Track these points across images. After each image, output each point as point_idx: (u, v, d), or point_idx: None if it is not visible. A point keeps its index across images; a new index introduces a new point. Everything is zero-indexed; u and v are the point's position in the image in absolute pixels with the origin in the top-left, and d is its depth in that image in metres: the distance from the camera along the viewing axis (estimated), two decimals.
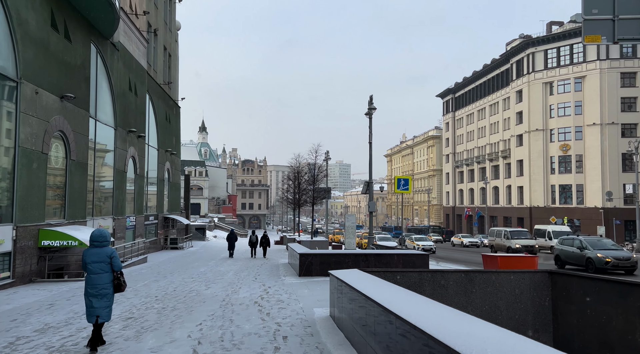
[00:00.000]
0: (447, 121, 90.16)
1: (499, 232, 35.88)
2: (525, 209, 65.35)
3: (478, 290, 7.15)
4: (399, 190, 20.23)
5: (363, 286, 5.61)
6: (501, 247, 33.15)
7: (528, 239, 34.40)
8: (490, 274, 7.14)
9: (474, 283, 7.17)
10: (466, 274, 7.27)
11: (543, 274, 7.02)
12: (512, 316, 7.01)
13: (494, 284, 7.13)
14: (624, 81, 58.74)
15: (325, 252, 14.17)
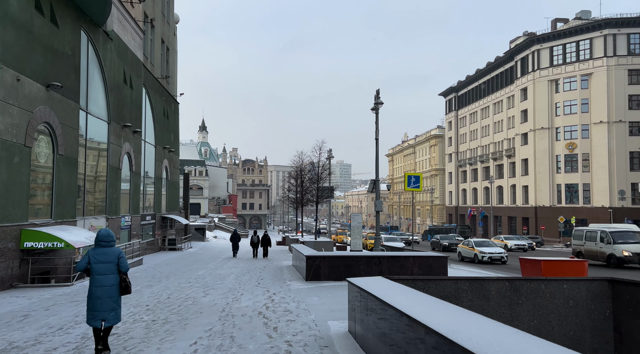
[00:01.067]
0: (450, 119, 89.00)
1: (591, 234, 23.69)
2: (531, 208, 64.18)
3: (525, 302, 6.02)
4: (410, 188, 19.08)
5: (397, 301, 4.47)
6: (595, 254, 22.50)
7: None
8: (539, 282, 6.00)
9: (520, 292, 6.04)
10: (510, 282, 6.13)
11: (602, 283, 5.88)
12: (566, 332, 5.87)
13: (544, 295, 5.99)
14: (631, 78, 57.62)
15: (334, 255, 13.00)
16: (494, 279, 6.20)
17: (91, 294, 5.82)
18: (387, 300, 4.61)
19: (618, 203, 55.63)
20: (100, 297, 5.77)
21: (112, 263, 5.91)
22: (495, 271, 18.26)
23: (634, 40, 57.85)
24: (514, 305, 6.04)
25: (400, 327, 4.07)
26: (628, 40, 57.69)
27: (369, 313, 5.27)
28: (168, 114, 30.50)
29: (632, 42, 57.78)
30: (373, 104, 26.16)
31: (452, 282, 6.20)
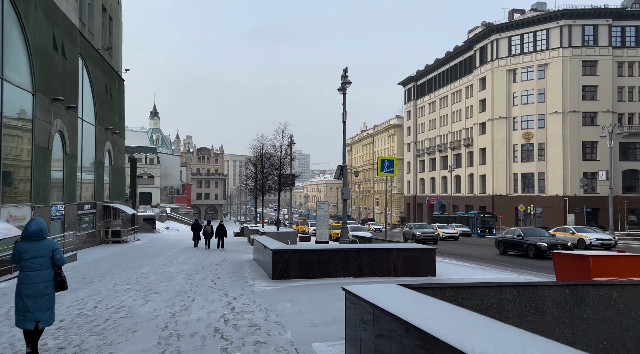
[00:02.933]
0: (409, 109, 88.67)
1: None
2: (488, 197, 64.69)
3: (592, 315, 4.34)
4: (384, 173, 17.36)
5: (447, 330, 2.56)
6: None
7: None
8: (611, 288, 4.32)
9: (584, 303, 4.35)
10: (572, 289, 4.40)
11: None
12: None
13: (616, 306, 4.34)
14: (585, 69, 58.64)
15: (306, 248, 11.01)
16: (549, 285, 4.44)
17: (21, 293, 5.21)
18: (430, 331, 2.70)
19: (571, 192, 56.77)
20: (32, 295, 5.19)
21: (46, 257, 5.36)
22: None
23: (588, 31, 58.79)
24: (577, 320, 4.33)
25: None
26: (582, 32, 58.59)
27: (392, 344, 3.34)
28: (111, 91, 27.31)
29: (586, 33, 58.70)
30: (340, 83, 24.22)
31: (494, 290, 4.39)
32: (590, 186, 57.49)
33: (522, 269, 14.62)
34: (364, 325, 4.02)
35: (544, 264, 16.20)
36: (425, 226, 34.67)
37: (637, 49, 58.44)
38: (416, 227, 33.05)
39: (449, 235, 37.68)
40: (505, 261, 18.31)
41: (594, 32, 58.51)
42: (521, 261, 18.62)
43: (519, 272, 13.44)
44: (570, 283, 4.46)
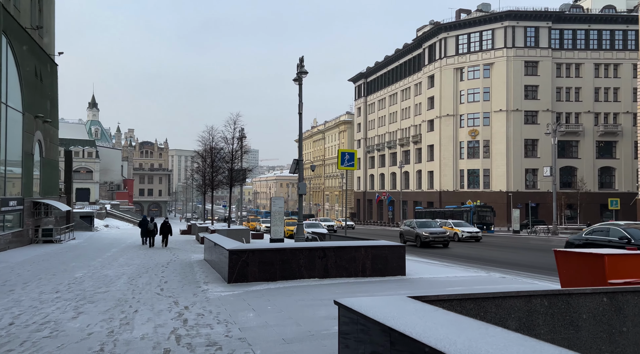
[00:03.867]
0: (359, 105, 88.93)
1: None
2: (436, 193, 65.90)
3: (632, 328, 3.62)
4: (344, 166, 16.53)
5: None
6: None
7: None
8: None
9: (623, 313, 3.63)
10: (610, 297, 3.66)
11: None
12: None
13: None
14: (527, 70, 60.80)
15: (266, 248, 9.90)
16: (585, 293, 3.66)
17: None
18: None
19: (514, 187, 58.82)
20: None
21: None
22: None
23: (529, 33, 60.96)
24: (615, 334, 3.61)
25: None
26: (525, 33, 60.70)
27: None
28: (42, 75, 24.71)
29: (528, 34, 60.85)
30: (296, 73, 23.15)
31: (522, 301, 3.57)
32: (532, 182, 59.86)
33: (466, 263, 14.27)
34: None
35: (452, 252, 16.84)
36: (430, 224, 26.99)
37: (574, 51, 61.28)
38: (420, 226, 25.57)
39: (471, 235, 30.19)
40: (429, 253, 18.01)
41: (535, 33, 60.79)
42: (434, 251, 19.41)
43: (485, 269, 13.00)
44: (608, 290, 3.73)
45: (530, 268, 13.74)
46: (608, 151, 61.73)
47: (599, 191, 59.29)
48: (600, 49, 61.37)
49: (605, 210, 61.06)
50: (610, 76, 61.43)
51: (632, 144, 60.87)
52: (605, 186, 61.54)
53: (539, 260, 16.61)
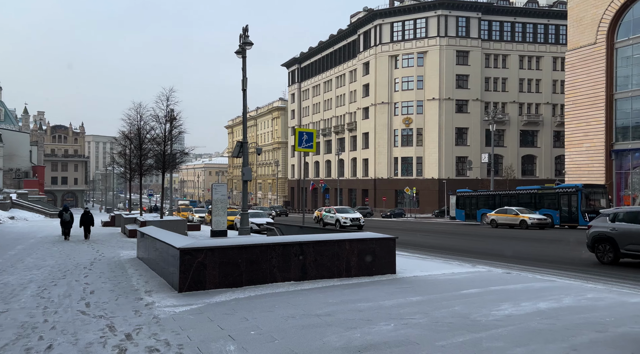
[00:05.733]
0: (293, 92, 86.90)
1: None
2: (370, 181, 65.91)
3: None
4: (302, 148, 14.61)
5: None
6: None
7: None
8: None
9: None
10: None
11: None
12: None
13: None
14: (458, 59, 62.05)
15: (229, 245, 7.79)
16: None
17: None
18: None
19: (445, 175, 60.08)
20: None
21: None
22: None
23: (461, 23, 62.15)
24: None
25: None
26: (457, 23, 61.80)
27: None
28: None
29: (460, 24, 62.02)
30: (238, 46, 20.77)
31: None
32: (462, 170, 61.51)
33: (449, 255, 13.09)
34: None
35: None
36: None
37: (501, 42, 63.41)
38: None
39: (540, 221, 27.86)
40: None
41: (467, 24, 62.09)
42: None
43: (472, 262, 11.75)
44: None
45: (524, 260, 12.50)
46: (530, 140, 64.88)
47: (522, 178, 62.15)
48: (524, 41, 64.02)
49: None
50: (533, 68, 64.37)
51: (552, 133, 64.47)
52: (527, 173, 64.76)
53: (533, 251, 15.05)
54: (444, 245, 17.72)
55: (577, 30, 41.01)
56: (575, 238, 19.35)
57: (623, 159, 38.39)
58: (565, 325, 4.89)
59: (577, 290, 6.88)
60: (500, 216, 30.50)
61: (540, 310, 5.64)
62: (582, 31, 40.38)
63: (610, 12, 38.03)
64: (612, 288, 7.31)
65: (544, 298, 6.30)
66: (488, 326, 4.94)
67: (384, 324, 5.17)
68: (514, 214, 29.40)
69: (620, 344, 4.19)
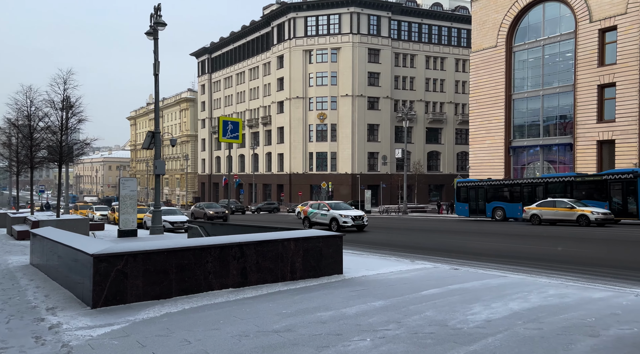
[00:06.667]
0: (203, 83, 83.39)
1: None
2: (285, 176, 65.34)
3: None
4: (227, 138, 13.40)
5: None
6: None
7: None
8: None
9: None
10: None
11: None
12: None
13: None
14: (370, 57, 63.50)
15: (153, 249, 6.57)
16: None
17: None
18: None
19: (358, 170, 61.34)
20: None
21: None
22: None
23: (372, 21, 63.62)
24: None
25: None
26: (369, 21, 63.14)
27: None
28: None
29: (371, 23, 63.45)
30: (149, 26, 18.92)
31: None
32: (373, 165, 63.22)
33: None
34: None
35: None
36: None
37: (409, 42, 65.96)
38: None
39: (605, 217, 22.87)
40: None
41: (378, 22, 63.67)
42: None
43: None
44: None
45: None
46: (435, 137, 68.39)
47: (427, 173, 65.35)
48: (430, 42, 67.16)
49: (433, 190, 68.03)
50: (438, 68, 67.79)
51: (454, 131, 68.53)
52: (432, 169, 68.24)
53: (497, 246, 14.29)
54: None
55: (480, 33, 43.62)
56: None
57: (519, 155, 41.63)
58: (553, 330, 4.53)
59: (535, 286, 6.72)
60: (546, 209, 24.57)
61: (516, 312, 5.29)
62: (485, 34, 43.03)
63: (509, 18, 40.91)
64: (565, 282, 7.28)
65: (510, 297, 6.01)
66: (475, 336, 4.43)
67: (359, 340, 4.45)
68: (568, 208, 23.54)
69: (627, 352, 3.86)
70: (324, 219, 22.12)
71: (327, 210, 22.09)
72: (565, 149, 37.95)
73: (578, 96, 36.37)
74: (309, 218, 23.17)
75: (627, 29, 33.39)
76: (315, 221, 22.66)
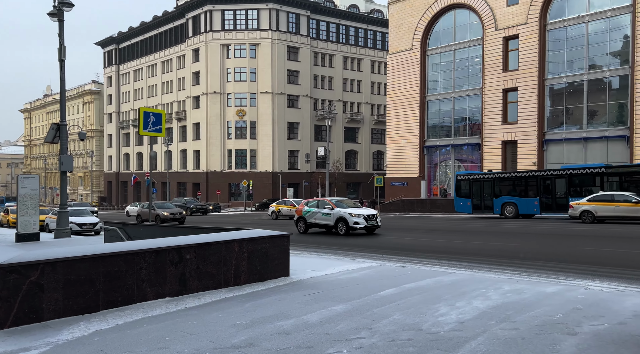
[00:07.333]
0: (110, 74, 77.77)
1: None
2: (202, 174, 63.04)
3: None
4: (148, 131, 12.22)
5: None
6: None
7: None
8: None
9: None
10: None
11: None
12: None
13: None
14: (289, 55, 63.24)
15: (76, 256, 5.60)
16: None
17: None
18: None
19: (278, 168, 60.86)
20: None
21: None
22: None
23: (291, 19, 63.40)
24: None
25: None
26: (287, 18, 62.83)
27: None
28: None
29: (290, 20, 63.19)
30: (53, 6, 16.99)
31: None
32: (293, 163, 63.08)
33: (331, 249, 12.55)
34: None
35: None
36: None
37: (328, 42, 66.64)
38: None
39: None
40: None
41: (296, 20, 63.55)
42: None
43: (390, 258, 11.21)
44: None
45: None
46: (352, 136, 69.83)
47: (346, 172, 66.57)
48: (348, 43, 68.38)
49: (350, 188, 69.48)
50: (355, 69, 69.23)
51: (371, 130, 70.50)
52: (350, 167, 69.63)
53: None
54: None
55: (396, 36, 45.12)
56: None
57: (433, 154, 43.71)
58: (529, 329, 4.42)
59: (489, 282, 6.73)
60: (602, 205, 21.07)
61: (483, 311, 5.16)
62: (401, 37, 44.59)
63: (424, 22, 42.75)
64: (513, 277, 7.41)
65: (470, 295, 5.91)
66: (456, 340, 4.18)
67: (335, 352, 4.00)
68: (633, 203, 20.08)
69: (612, 351, 3.81)
70: (327, 219, 18.25)
71: (330, 208, 18.20)
72: (474, 148, 40.46)
73: (485, 99, 38.92)
74: (305, 219, 19.17)
75: (528, 38, 36.32)
76: (314, 222, 18.85)
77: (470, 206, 28.99)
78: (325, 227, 18.49)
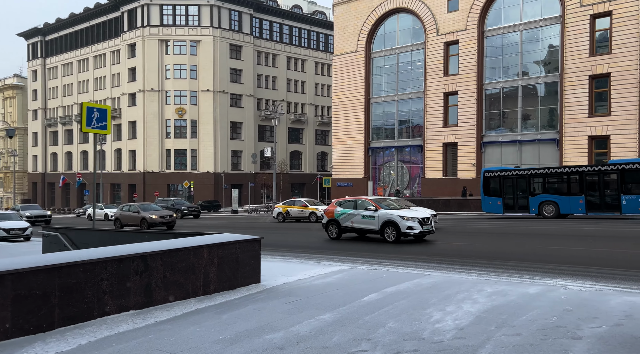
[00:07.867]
0: (35, 68, 72.39)
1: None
2: (139, 174, 60.19)
3: None
4: (92, 128, 11.18)
5: None
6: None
7: None
8: None
9: None
10: None
11: None
12: None
13: None
14: (232, 53, 61.96)
15: (29, 267, 4.84)
16: None
17: None
18: None
19: (220, 169, 59.38)
20: None
21: None
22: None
23: (234, 17, 62.14)
24: None
25: None
26: (230, 16, 61.51)
27: None
28: None
29: (232, 18, 61.91)
30: None
31: None
32: (236, 163, 61.78)
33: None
34: None
35: None
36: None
37: (271, 42, 65.96)
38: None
39: None
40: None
41: (239, 18, 62.36)
42: None
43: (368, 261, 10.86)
44: None
45: None
46: (297, 137, 69.59)
47: (290, 172, 66.20)
48: (291, 44, 68.06)
49: (295, 189, 69.16)
50: (299, 70, 69.03)
51: (315, 132, 70.60)
52: (294, 168, 69.34)
53: None
54: None
55: (341, 38, 45.40)
56: None
57: (377, 156, 44.40)
58: (532, 334, 4.33)
59: (469, 284, 6.67)
60: None
61: (477, 316, 5.03)
62: (346, 39, 44.93)
63: (368, 25, 43.33)
64: (489, 278, 7.41)
65: (456, 299, 5.78)
66: (464, 349, 3.98)
67: None
68: None
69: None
70: (369, 223, 15.01)
71: (374, 209, 14.96)
72: (417, 150, 41.53)
73: (427, 102, 40.07)
74: (338, 222, 15.86)
75: (467, 44, 37.81)
76: (351, 225, 15.61)
77: (501, 205, 25.73)
78: (366, 232, 15.43)
